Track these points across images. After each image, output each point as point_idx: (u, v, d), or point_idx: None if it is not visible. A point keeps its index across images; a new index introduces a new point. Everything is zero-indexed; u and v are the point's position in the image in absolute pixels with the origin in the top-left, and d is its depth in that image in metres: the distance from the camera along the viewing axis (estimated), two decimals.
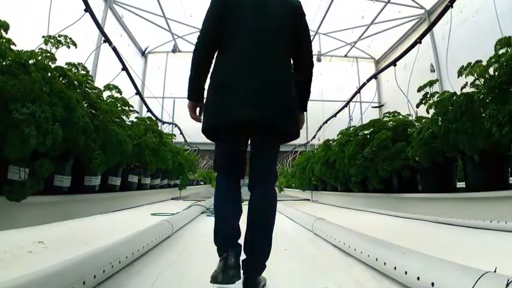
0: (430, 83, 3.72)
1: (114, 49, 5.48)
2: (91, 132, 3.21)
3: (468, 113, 3.18)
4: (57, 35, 3.00)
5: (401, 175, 4.53)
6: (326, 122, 10.15)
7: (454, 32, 4.59)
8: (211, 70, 2.25)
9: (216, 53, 2.27)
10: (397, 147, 4.50)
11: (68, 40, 3.03)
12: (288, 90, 2.22)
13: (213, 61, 2.27)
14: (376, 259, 2.38)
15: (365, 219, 5.37)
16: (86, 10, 4.73)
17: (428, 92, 3.75)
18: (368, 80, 7.49)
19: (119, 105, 4.27)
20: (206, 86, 2.28)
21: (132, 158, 4.51)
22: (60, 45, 2.99)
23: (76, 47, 3.12)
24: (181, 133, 12.35)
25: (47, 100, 2.42)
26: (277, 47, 2.22)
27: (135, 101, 7.42)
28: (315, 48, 17.39)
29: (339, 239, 3.21)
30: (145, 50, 18.27)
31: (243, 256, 2.09)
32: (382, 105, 17.51)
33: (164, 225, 3.71)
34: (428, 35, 13.38)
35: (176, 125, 12.39)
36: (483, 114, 3.08)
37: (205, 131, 2.23)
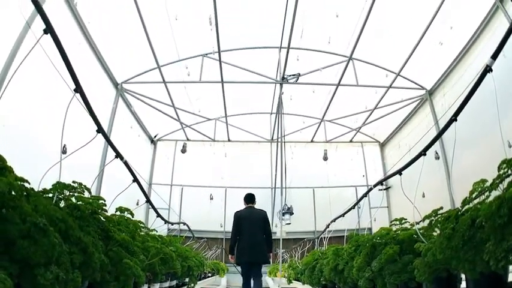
0: (435, 213, 3.86)
1: (126, 163, 5.70)
2: (106, 266, 3.34)
3: (470, 243, 3.29)
4: (71, 182, 3.19)
5: (408, 285, 4.55)
6: (334, 220, 10.23)
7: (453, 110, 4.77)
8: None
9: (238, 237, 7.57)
10: (404, 261, 4.53)
11: (83, 186, 3.23)
12: (263, 250, 7.42)
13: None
14: None
15: None
16: (98, 131, 4.97)
17: (433, 219, 3.89)
18: (374, 186, 7.70)
19: (130, 226, 4.43)
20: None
21: None
22: (75, 191, 3.18)
23: (90, 193, 3.32)
24: (190, 230, 12.45)
25: (66, 250, 2.58)
26: (258, 234, 7.48)
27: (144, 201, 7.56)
28: (321, 137, 18.11)
29: None
30: (154, 137, 18.77)
31: None
32: (390, 187, 17.59)
33: None
34: (431, 119, 13.84)
35: (185, 224, 12.53)
36: (483, 236, 3.18)
37: (237, 263, 7.54)
